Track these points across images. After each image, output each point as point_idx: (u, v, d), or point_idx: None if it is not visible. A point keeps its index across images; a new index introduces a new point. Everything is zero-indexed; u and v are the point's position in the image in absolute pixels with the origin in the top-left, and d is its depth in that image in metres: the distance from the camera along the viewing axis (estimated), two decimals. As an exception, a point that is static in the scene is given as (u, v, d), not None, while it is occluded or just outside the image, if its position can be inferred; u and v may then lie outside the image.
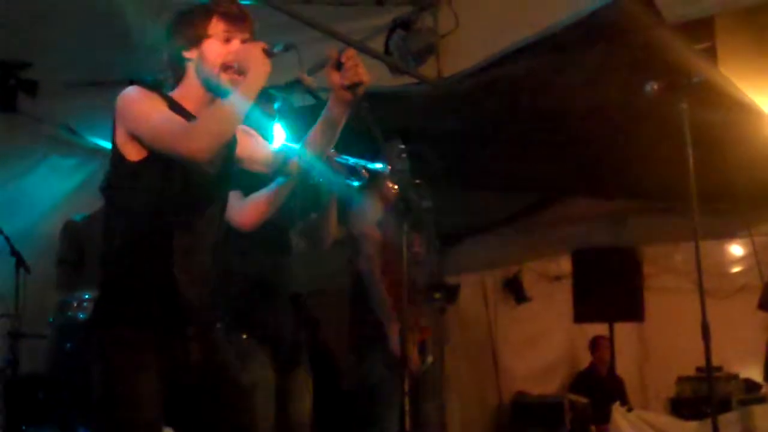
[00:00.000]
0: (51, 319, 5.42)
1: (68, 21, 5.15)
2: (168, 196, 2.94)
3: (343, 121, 3.04)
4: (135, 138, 2.91)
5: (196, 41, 3.02)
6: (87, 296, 5.34)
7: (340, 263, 5.50)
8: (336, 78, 2.90)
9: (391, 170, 4.02)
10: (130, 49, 5.63)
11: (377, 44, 5.44)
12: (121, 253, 2.97)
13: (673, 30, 4.88)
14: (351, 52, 2.92)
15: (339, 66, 2.91)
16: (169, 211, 2.95)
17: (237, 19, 3.03)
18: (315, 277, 5.51)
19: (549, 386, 9.63)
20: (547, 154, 6.57)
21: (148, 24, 5.41)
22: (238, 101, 2.84)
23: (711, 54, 5.42)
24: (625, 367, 9.35)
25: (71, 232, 6.09)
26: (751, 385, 8.58)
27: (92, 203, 6.25)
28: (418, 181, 4.33)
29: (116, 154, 2.96)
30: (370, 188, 4.62)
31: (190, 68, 3.05)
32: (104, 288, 3.02)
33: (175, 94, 3.06)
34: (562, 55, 5.28)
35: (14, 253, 5.57)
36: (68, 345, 5.17)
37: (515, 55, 5.28)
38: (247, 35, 3.03)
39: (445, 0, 5.37)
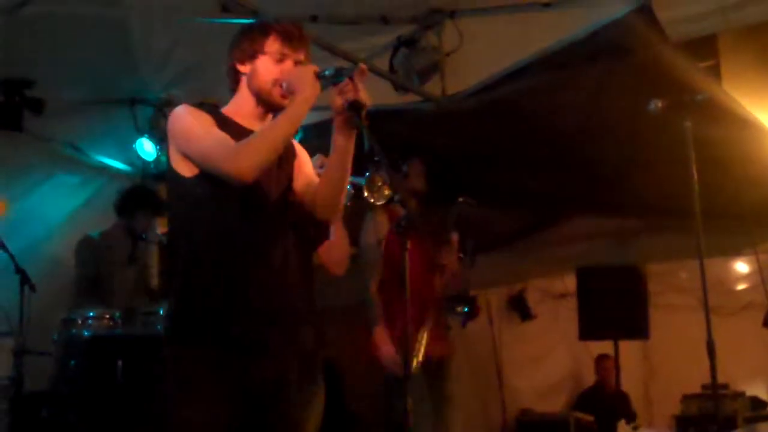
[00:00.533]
0: (55, 337, 5.42)
1: (73, 40, 5.17)
2: (226, 210, 2.97)
3: (349, 146, 3.00)
4: (186, 157, 2.96)
5: (251, 56, 3.06)
6: (91, 314, 5.34)
7: (344, 280, 5.49)
8: (337, 99, 2.90)
9: (393, 187, 4.04)
10: (135, 68, 5.67)
11: (382, 62, 5.47)
12: (187, 272, 2.99)
13: (677, 48, 4.90)
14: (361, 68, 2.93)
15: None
16: (231, 225, 2.97)
17: (293, 40, 3.06)
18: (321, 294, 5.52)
19: (554, 404, 9.60)
20: (551, 171, 6.57)
21: (152, 43, 5.45)
22: (285, 122, 2.89)
23: (715, 72, 5.44)
24: (630, 384, 9.30)
25: (89, 248, 6.09)
26: (757, 403, 8.54)
27: (97, 220, 6.28)
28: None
29: (171, 173, 3.01)
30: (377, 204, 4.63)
31: (243, 81, 3.10)
32: (174, 305, 3.05)
33: (228, 107, 3.12)
34: (566, 73, 5.30)
35: (19, 270, 5.56)
36: (72, 362, 5.16)
37: (519, 73, 5.31)
38: (301, 57, 3.06)
39: (450, 19, 5.40)
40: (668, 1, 4.77)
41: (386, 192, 4.16)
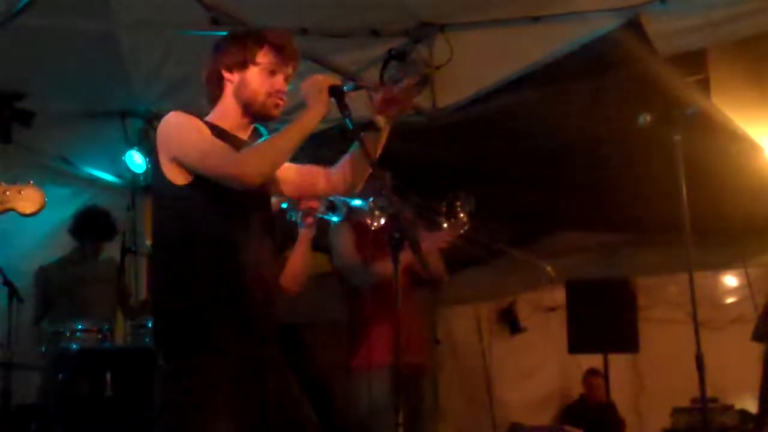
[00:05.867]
0: (44, 350, 5.40)
1: (63, 53, 5.17)
2: (222, 216, 2.94)
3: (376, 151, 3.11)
4: (179, 163, 2.92)
5: (242, 65, 3.03)
6: (80, 326, 5.33)
7: (329, 297, 5.47)
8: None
9: (379, 203, 4.05)
10: (125, 81, 5.66)
11: (372, 75, 5.46)
12: (185, 277, 2.95)
13: (666, 62, 4.91)
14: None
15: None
16: (229, 232, 2.95)
17: (286, 53, 3.04)
18: (305, 310, 5.51)
19: (544, 417, 9.58)
20: (541, 185, 6.58)
21: (142, 56, 5.44)
22: (295, 133, 2.86)
23: (704, 86, 5.45)
24: (619, 398, 9.29)
25: (41, 281, 6.16)
26: (746, 417, 8.53)
27: (86, 233, 6.25)
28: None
29: (161, 181, 2.96)
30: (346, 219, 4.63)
31: (229, 89, 3.06)
32: (171, 315, 2.97)
33: (212, 116, 3.08)
34: (555, 87, 5.31)
35: (7, 282, 5.54)
36: (61, 375, 5.14)
37: (509, 87, 5.31)
38: (290, 71, 3.06)
39: (440, 32, 5.41)
40: (657, 16, 4.79)
41: (382, 218, 4.18)
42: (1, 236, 5.91)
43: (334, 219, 4.44)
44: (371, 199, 4.10)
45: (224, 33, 4.50)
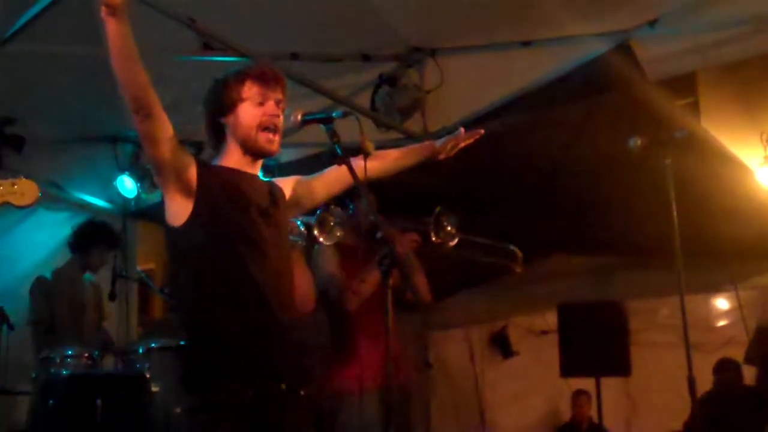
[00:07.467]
0: (34, 376, 5.36)
1: (54, 78, 5.17)
2: (222, 254, 2.93)
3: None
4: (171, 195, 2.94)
5: (232, 107, 3.06)
6: (70, 352, 5.29)
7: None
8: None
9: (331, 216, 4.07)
10: (116, 105, 5.65)
11: (363, 100, 5.48)
12: (199, 320, 2.94)
13: (657, 86, 4.93)
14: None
15: None
16: (232, 270, 2.93)
17: (270, 80, 3.07)
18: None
19: (536, 441, 9.58)
20: (533, 209, 6.58)
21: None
22: (109, 36, 2.83)
23: (694, 109, 5.47)
24: (612, 421, 9.27)
25: (43, 290, 6.00)
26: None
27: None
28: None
29: (165, 225, 2.99)
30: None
31: (227, 133, 3.09)
32: (191, 345, 2.98)
33: (217, 159, 3.11)
34: (546, 111, 5.32)
35: (-3, 309, 5.53)
36: (51, 402, 5.10)
37: (500, 111, 5.32)
38: (279, 96, 3.08)
39: (431, 57, 5.43)
40: (647, 40, 4.82)
41: (337, 233, 4.18)
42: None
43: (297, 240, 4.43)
44: (318, 212, 4.10)
45: (215, 58, 4.54)
